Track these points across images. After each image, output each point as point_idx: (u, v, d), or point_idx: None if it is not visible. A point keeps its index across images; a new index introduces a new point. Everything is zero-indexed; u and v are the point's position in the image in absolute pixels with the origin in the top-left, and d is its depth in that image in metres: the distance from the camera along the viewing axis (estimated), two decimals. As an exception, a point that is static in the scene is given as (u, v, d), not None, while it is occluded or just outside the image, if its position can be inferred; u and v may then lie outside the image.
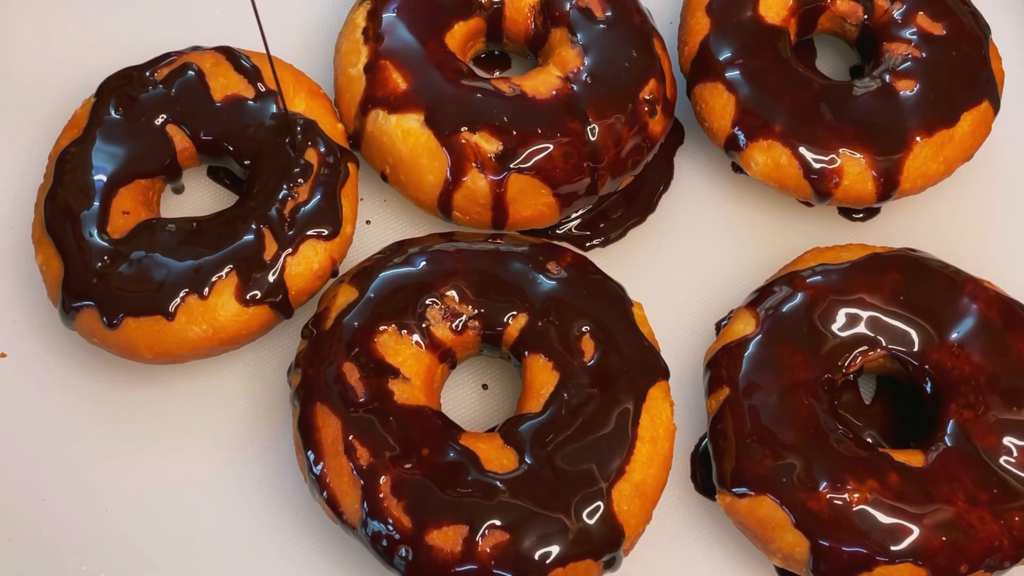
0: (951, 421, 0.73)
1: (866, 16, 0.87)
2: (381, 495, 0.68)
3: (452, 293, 0.75)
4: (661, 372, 0.74)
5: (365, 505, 0.69)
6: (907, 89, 0.82)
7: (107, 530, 0.76)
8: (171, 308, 0.74)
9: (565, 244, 0.84)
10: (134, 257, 0.75)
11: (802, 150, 0.80)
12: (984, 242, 0.87)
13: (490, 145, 0.78)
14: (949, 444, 0.72)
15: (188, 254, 0.75)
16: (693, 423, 0.80)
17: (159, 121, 0.80)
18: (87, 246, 0.75)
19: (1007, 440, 0.71)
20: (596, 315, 0.75)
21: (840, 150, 0.80)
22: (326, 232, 0.77)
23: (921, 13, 0.85)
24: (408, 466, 0.69)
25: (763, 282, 0.81)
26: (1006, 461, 0.71)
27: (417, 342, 0.74)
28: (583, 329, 0.74)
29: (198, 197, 0.85)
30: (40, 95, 0.89)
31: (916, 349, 0.75)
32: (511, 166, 0.78)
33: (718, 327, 0.83)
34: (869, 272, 0.77)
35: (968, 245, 0.86)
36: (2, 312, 0.82)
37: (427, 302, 0.75)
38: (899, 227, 0.87)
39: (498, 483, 0.69)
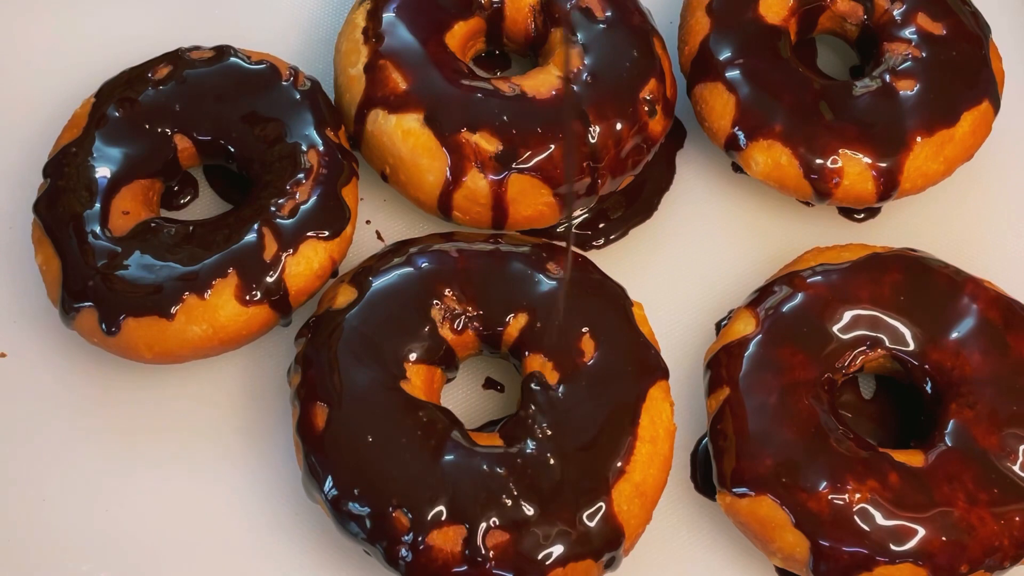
0: (951, 421, 0.73)
1: (866, 16, 0.87)
2: (381, 495, 0.68)
3: (452, 293, 0.75)
4: (661, 372, 0.74)
5: (365, 505, 0.69)
6: (907, 89, 0.82)
7: (107, 530, 0.76)
8: (171, 308, 0.73)
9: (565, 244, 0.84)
10: (134, 258, 0.75)
11: (802, 150, 0.80)
12: (984, 242, 0.87)
13: (490, 145, 0.78)
14: (949, 444, 0.72)
15: (188, 255, 0.75)
16: (693, 423, 0.80)
17: (159, 121, 0.80)
18: (87, 246, 0.75)
19: (1007, 440, 0.71)
20: (596, 315, 0.75)
21: (840, 150, 0.80)
22: (326, 232, 0.77)
23: (921, 13, 0.85)
24: (408, 466, 0.69)
25: (763, 282, 0.81)
26: (1006, 461, 0.71)
27: (417, 342, 0.74)
28: (583, 329, 0.74)
29: (199, 199, 0.85)
30: (40, 95, 0.89)
31: (916, 349, 0.75)
32: (511, 166, 0.78)
33: (718, 327, 0.83)
34: (869, 272, 0.77)
35: (968, 245, 0.86)
36: (2, 312, 0.82)
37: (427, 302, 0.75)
38: (899, 227, 0.87)
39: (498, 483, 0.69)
